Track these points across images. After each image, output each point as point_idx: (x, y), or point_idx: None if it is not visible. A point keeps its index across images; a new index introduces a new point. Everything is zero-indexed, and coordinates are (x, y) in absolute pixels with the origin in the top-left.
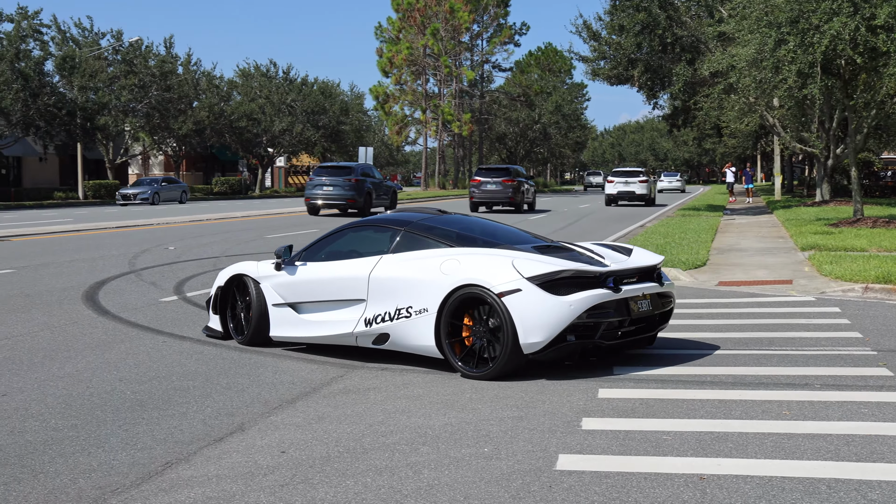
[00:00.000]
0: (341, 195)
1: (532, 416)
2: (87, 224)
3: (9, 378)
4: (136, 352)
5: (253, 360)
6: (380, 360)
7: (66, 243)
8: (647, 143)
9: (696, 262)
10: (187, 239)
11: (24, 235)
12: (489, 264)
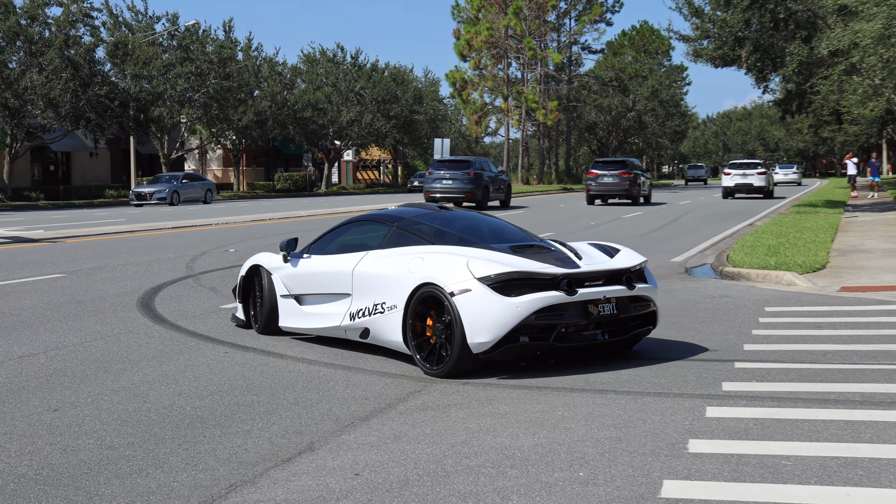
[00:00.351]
0: (460, 188)
1: (632, 436)
2: (140, 224)
3: (61, 392)
4: (195, 363)
5: (322, 372)
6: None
7: (118, 245)
8: (756, 131)
9: (815, 266)
10: (248, 240)
11: (74, 237)
12: (446, 264)
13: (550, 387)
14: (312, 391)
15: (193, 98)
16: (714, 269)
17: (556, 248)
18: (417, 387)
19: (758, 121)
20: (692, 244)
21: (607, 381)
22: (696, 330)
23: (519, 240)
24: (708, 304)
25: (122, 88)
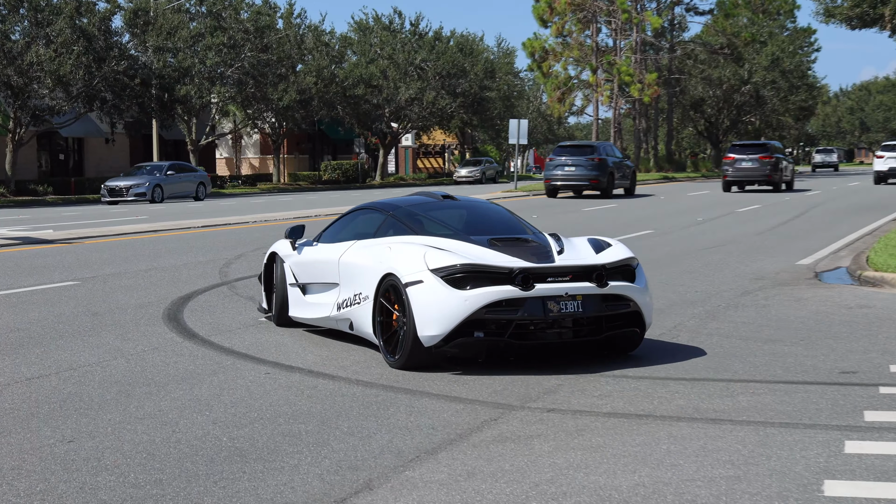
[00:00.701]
0: (584, 175)
1: (753, 475)
2: (165, 223)
3: (76, 420)
4: (232, 386)
5: (381, 396)
6: (545, 397)
7: (141, 247)
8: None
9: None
10: None
11: (88, 238)
12: (406, 254)
13: (653, 414)
14: (370, 419)
15: (226, 74)
16: (851, 273)
17: (538, 242)
18: (493, 414)
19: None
20: (823, 243)
21: (722, 408)
22: (829, 347)
23: (507, 231)
24: (844, 315)
25: (142, 63)
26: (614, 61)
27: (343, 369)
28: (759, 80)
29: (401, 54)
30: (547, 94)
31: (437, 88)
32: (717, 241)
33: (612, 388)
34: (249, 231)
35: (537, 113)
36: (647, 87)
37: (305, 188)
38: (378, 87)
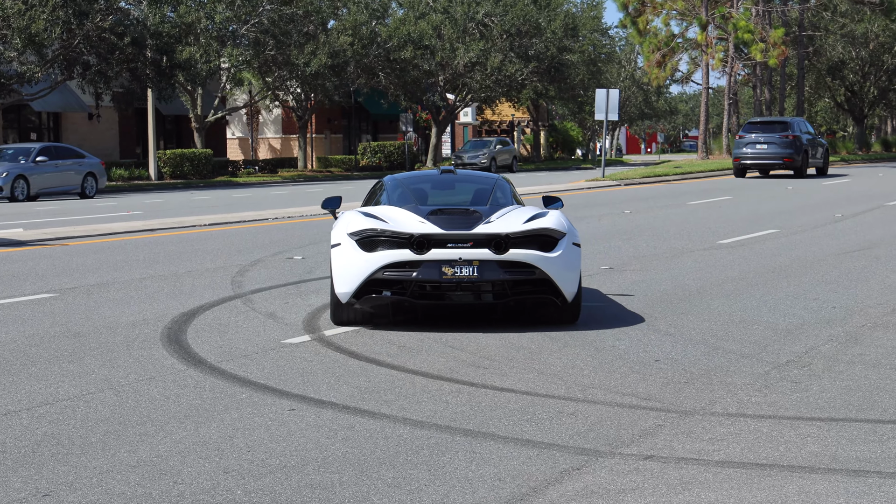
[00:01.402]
0: (776, 154)
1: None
2: (164, 220)
3: (53, 466)
4: (248, 426)
5: (434, 439)
6: (641, 440)
7: (133, 250)
8: None
9: None
10: (321, 242)
11: (68, 239)
12: (342, 220)
13: (779, 464)
14: (420, 467)
15: (239, 33)
16: None
17: (476, 212)
18: (575, 462)
19: None
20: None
21: (867, 456)
22: None
23: (465, 203)
24: None
25: (134, 19)
26: (730, 14)
27: (387, 405)
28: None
29: (459, 7)
30: (644, 58)
31: (504, 50)
32: (860, 244)
33: (726, 430)
34: (268, 230)
35: (631, 81)
36: (771, 47)
37: (339, 176)
38: (430, 49)
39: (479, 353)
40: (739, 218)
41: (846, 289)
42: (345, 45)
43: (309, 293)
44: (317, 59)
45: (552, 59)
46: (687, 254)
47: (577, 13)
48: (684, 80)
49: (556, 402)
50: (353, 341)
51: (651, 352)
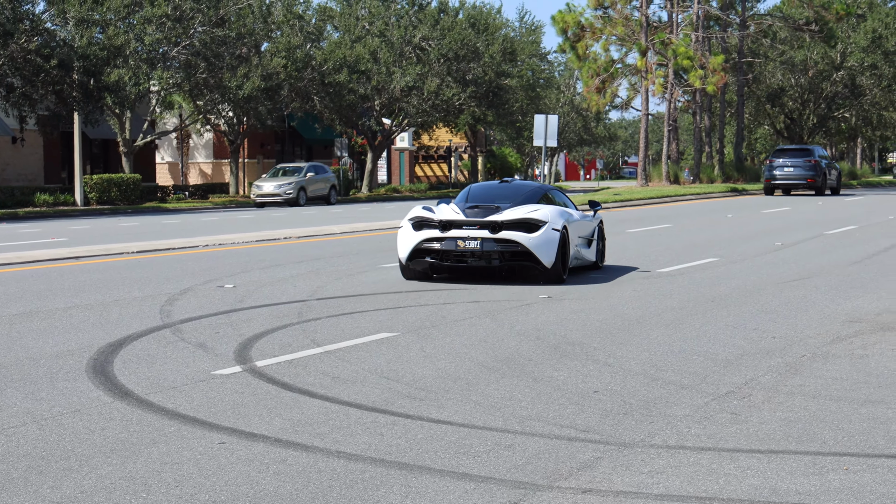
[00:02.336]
0: (801, 175)
1: None
2: (90, 247)
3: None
4: (176, 460)
5: (368, 473)
6: (579, 473)
7: (58, 279)
8: None
9: None
10: (253, 270)
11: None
12: (409, 212)
13: (718, 497)
14: (354, 502)
15: (170, 55)
16: None
17: (497, 207)
18: (512, 496)
19: None
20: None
21: (807, 489)
22: None
23: (498, 201)
24: None
25: (61, 41)
26: (669, 40)
27: (320, 438)
28: (856, 64)
29: (395, 31)
30: (583, 83)
31: (441, 75)
32: (800, 273)
33: (665, 463)
34: (199, 258)
35: (570, 106)
36: (710, 73)
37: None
38: (366, 73)
39: (416, 385)
40: (679, 246)
41: (786, 318)
42: (278, 67)
43: (240, 323)
44: (249, 81)
45: (490, 83)
46: (627, 282)
47: (516, 38)
48: (624, 107)
49: (493, 434)
50: (285, 372)
51: (590, 383)
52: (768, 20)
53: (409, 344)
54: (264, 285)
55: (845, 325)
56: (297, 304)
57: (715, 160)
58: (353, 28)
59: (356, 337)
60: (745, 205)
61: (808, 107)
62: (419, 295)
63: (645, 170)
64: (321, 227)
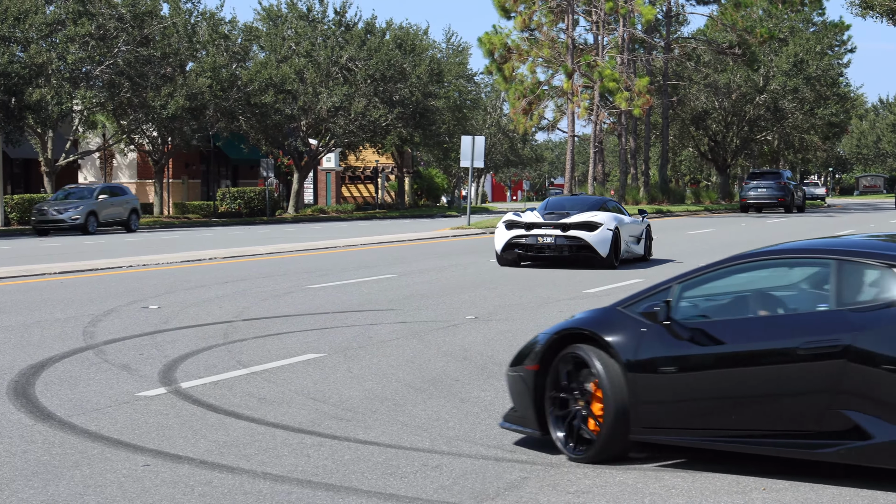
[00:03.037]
0: (773, 195)
1: None
2: (10, 268)
3: None
4: (100, 482)
5: (294, 495)
6: (506, 494)
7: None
8: None
9: None
10: (179, 291)
11: None
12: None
13: None
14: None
15: (93, 74)
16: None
17: (567, 213)
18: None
19: None
20: None
21: None
22: None
23: (570, 209)
24: None
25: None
26: (595, 63)
27: (246, 459)
28: (778, 88)
29: (322, 51)
30: (509, 104)
31: (368, 95)
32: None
33: (591, 483)
34: (123, 279)
35: (497, 128)
36: (636, 95)
37: (196, 222)
38: (293, 93)
39: (342, 405)
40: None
41: None
42: (203, 87)
43: (165, 344)
44: (174, 101)
45: (417, 104)
46: (553, 303)
47: (443, 59)
48: (550, 128)
49: (420, 454)
50: (211, 394)
51: None
52: (692, 43)
53: (336, 365)
54: (189, 306)
55: None
56: (223, 325)
57: (640, 182)
58: (280, 48)
59: (282, 358)
60: (669, 226)
61: (732, 129)
62: (346, 316)
63: (571, 191)
64: (247, 247)
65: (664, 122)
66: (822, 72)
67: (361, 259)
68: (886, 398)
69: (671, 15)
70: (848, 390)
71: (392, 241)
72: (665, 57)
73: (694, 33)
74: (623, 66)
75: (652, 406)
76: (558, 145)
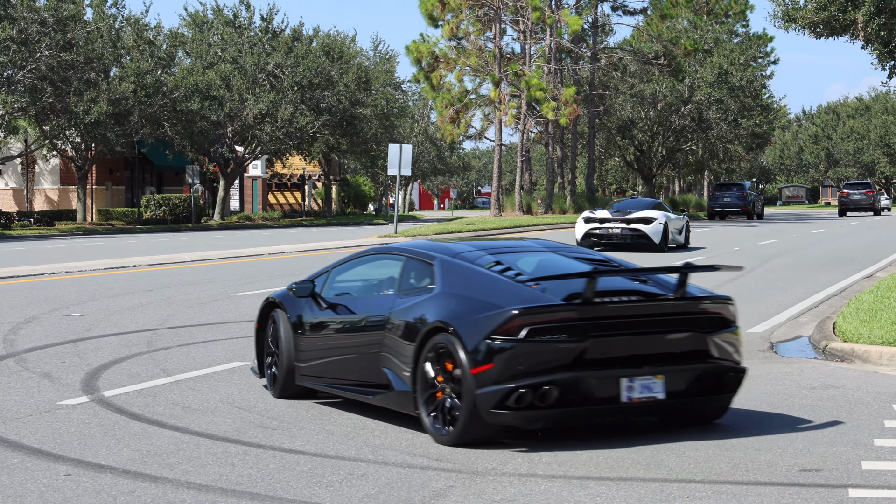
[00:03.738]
0: (737, 204)
1: None
2: None
3: None
4: (19, 492)
5: (219, 503)
6: (431, 503)
7: None
8: (878, 135)
9: None
10: (102, 299)
11: None
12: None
13: None
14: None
15: (15, 79)
16: (814, 344)
17: (629, 212)
18: None
19: (880, 118)
20: (780, 306)
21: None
22: (787, 438)
23: (628, 207)
24: (806, 398)
25: None
26: (522, 72)
27: (170, 468)
28: (703, 98)
29: (249, 57)
30: (437, 113)
31: (295, 102)
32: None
33: (517, 490)
34: (45, 286)
35: (424, 136)
36: (563, 105)
37: (120, 229)
38: (218, 100)
39: (268, 414)
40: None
41: None
42: (127, 93)
43: (88, 352)
44: (97, 106)
45: (344, 112)
46: None
47: (370, 66)
48: (478, 137)
49: (346, 463)
50: (134, 402)
51: None
52: (619, 53)
53: None
54: (113, 314)
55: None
56: (147, 333)
57: (567, 191)
58: (206, 54)
59: (207, 366)
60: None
61: (658, 139)
62: None
63: (499, 200)
64: (172, 254)
65: (591, 132)
66: (745, 83)
67: (288, 266)
68: (396, 359)
69: (598, 25)
70: (384, 353)
71: (319, 248)
72: (592, 67)
73: (620, 43)
74: (550, 75)
75: (304, 357)
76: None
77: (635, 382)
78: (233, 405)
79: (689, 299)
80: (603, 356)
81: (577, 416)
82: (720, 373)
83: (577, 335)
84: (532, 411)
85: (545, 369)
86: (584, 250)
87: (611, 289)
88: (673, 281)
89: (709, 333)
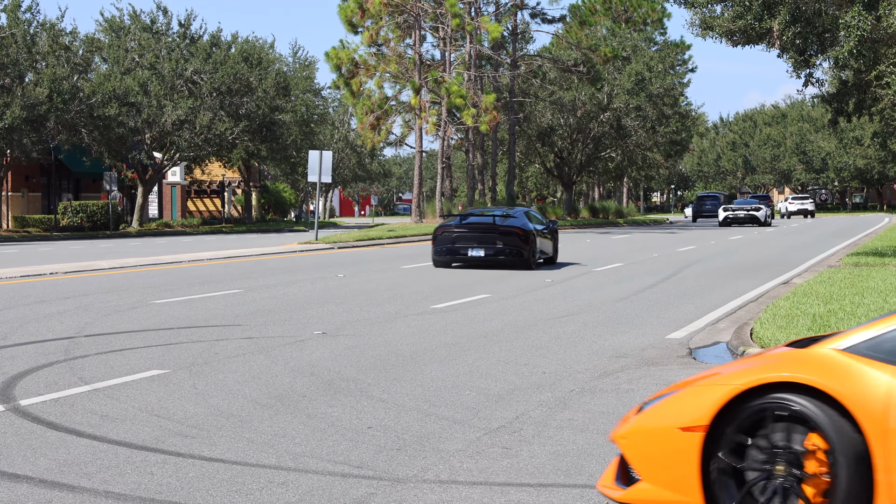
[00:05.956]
0: (713, 209)
1: None
2: None
3: None
4: None
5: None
6: None
7: None
8: (794, 142)
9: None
10: (17, 307)
11: None
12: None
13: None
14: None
15: None
16: (732, 350)
17: (752, 208)
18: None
19: (796, 125)
20: (699, 312)
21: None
22: None
23: (746, 204)
24: None
25: None
26: (442, 79)
27: (87, 478)
28: (621, 105)
29: (167, 63)
30: (357, 119)
31: (213, 108)
32: (570, 309)
33: (437, 497)
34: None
35: (345, 142)
36: (483, 112)
37: (37, 236)
38: (136, 106)
39: (187, 422)
40: (453, 282)
41: (555, 354)
42: (43, 98)
43: (3, 361)
44: (11, 112)
45: (264, 118)
46: (401, 318)
47: (290, 73)
48: (398, 143)
49: (266, 471)
50: (51, 411)
51: (364, 419)
52: (538, 61)
53: (181, 381)
54: (29, 322)
55: (612, 360)
56: (65, 342)
57: (487, 197)
58: (123, 60)
59: (126, 374)
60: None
61: (577, 146)
62: (191, 331)
63: (419, 206)
64: (89, 262)
65: (511, 139)
66: (664, 90)
67: (208, 274)
68: None
69: (517, 32)
70: None
71: (239, 255)
72: (511, 74)
73: (540, 51)
74: (470, 82)
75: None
76: (406, 160)
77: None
78: (151, 413)
79: None
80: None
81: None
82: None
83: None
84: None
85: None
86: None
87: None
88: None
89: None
